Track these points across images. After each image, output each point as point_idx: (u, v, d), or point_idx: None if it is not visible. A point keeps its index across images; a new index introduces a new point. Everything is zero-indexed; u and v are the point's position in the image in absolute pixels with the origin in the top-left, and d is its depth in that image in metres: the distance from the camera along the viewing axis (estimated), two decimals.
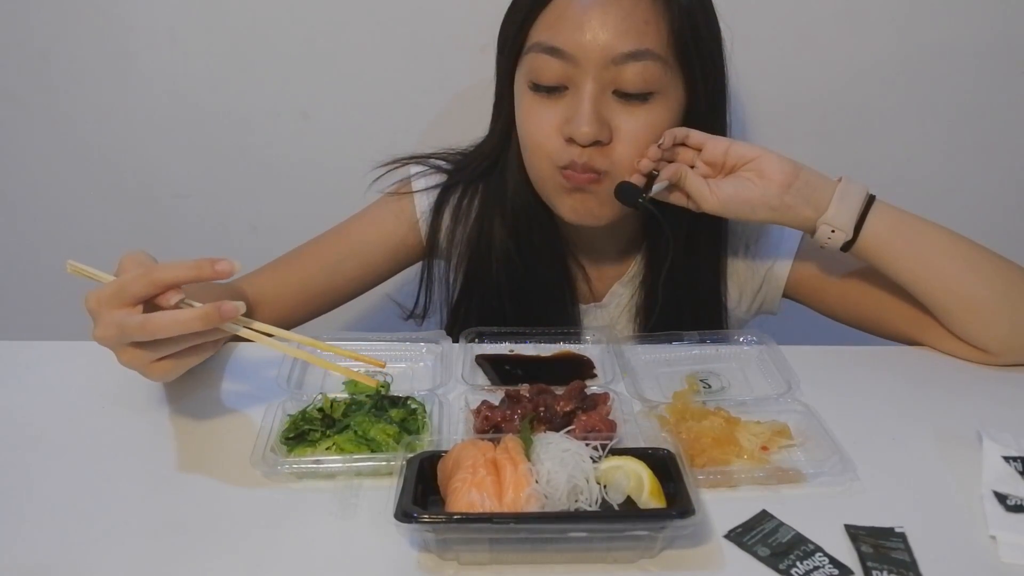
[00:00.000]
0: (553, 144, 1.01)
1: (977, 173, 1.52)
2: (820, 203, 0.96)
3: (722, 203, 0.96)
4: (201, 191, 1.54)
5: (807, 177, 0.96)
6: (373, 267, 1.18)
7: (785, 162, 0.96)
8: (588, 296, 1.19)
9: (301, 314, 1.16)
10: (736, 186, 0.96)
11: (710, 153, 0.98)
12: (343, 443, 0.81)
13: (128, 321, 0.75)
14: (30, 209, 1.57)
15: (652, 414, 0.87)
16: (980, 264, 0.99)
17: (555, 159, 1.01)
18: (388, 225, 1.17)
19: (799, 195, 0.96)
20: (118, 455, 0.83)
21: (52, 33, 1.43)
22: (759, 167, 0.96)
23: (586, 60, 0.97)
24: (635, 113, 0.99)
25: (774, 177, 0.95)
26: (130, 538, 0.72)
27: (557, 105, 1.00)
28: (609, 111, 0.99)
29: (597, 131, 0.97)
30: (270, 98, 1.47)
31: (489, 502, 0.68)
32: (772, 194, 0.96)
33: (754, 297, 1.18)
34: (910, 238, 0.98)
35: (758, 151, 0.97)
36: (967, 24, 1.41)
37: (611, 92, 0.99)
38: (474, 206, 1.15)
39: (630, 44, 0.96)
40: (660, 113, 1.00)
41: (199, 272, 0.78)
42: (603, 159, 1.00)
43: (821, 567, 0.68)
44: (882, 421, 0.90)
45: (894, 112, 1.47)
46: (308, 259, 1.16)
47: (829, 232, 0.97)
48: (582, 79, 0.98)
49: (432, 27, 1.40)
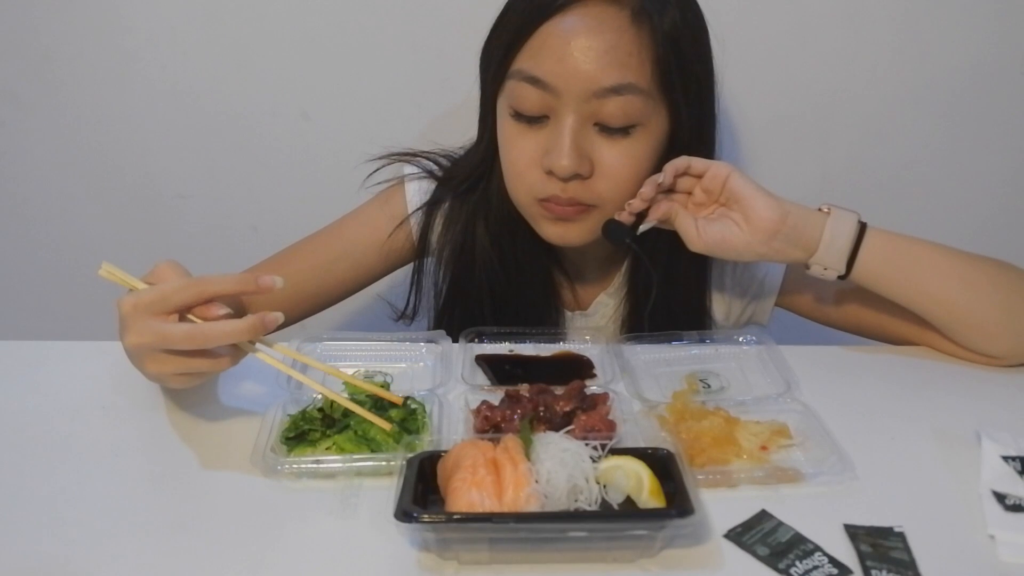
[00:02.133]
0: (533, 176, 0.99)
1: (976, 173, 1.52)
2: (809, 244, 0.95)
3: (707, 246, 0.95)
4: (202, 191, 1.54)
5: (794, 221, 0.94)
6: (365, 268, 1.17)
7: (773, 207, 0.93)
8: (573, 304, 1.18)
9: (293, 314, 1.15)
10: (723, 230, 0.95)
11: (708, 183, 0.96)
12: (343, 443, 0.81)
13: (171, 330, 0.76)
14: (30, 209, 1.57)
15: (652, 414, 0.87)
16: (977, 280, 0.98)
17: (535, 192, 1.00)
18: (381, 226, 1.17)
19: (787, 240, 0.94)
20: (118, 455, 0.83)
21: (53, 33, 1.43)
22: (746, 211, 0.94)
23: (567, 92, 0.95)
24: (616, 146, 0.97)
25: (760, 224, 0.93)
26: (130, 538, 0.72)
27: (538, 135, 0.98)
28: (590, 144, 0.97)
29: (576, 165, 0.96)
30: (270, 98, 1.47)
31: (489, 502, 0.68)
32: (758, 241, 0.94)
33: (743, 309, 1.17)
34: (904, 264, 0.97)
35: (750, 192, 0.94)
36: (968, 23, 1.41)
37: (592, 124, 0.97)
38: (462, 213, 1.14)
39: (613, 78, 0.94)
40: (642, 145, 0.98)
41: (244, 286, 0.80)
42: (587, 193, 0.98)
43: (820, 566, 0.69)
44: (881, 421, 0.90)
45: (893, 112, 1.47)
46: (300, 260, 1.16)
47: (821, 270, 0.96)
48: (563, 111, 0.96)
49: (432, 27, 1.40)
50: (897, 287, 0.98)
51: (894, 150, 1.50)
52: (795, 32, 1.42)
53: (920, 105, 1.47)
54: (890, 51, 1.43)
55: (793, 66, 1.44)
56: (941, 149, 1.50)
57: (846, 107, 1.47)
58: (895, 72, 1.44)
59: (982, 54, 1.43)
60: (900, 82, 1.45)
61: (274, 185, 1.54)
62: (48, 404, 0.92)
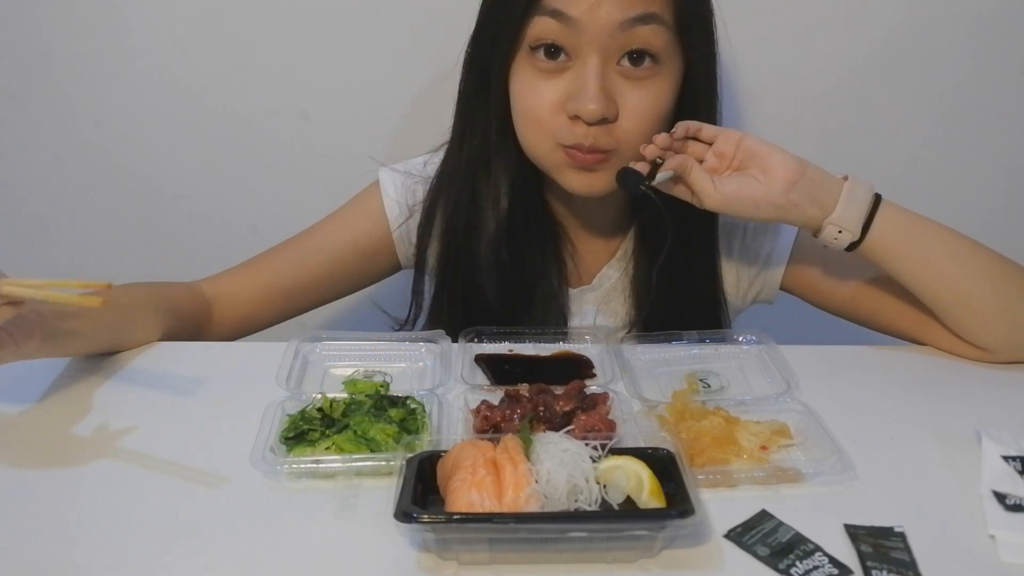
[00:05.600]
0: (556, 122, 0.98)
1: (976, 173, 1.52)
2: (826, 202, 0.95)
3: (725, 200, 0.94)
4: (201, 191, 1.54)
5: (813, 175, 0.95)
6: (340, 263, 1.16)
7: (791, 159, 0.95)
8: (577, 279, 1.17)
9: (268, 312, 1.16)
10: (740, 183, 0.94)
11: (721, 146, 0.96)
12: (343, 443, 0.81)
13: None
14: (30, 209, 1.56)
15: (652, 414, 0.87)
16: (982, 264, 0.99)
17: (559, 138, 0.99)
18: (355, 221, 1.16)
19: (804, 193, 0.94)
20: (117, 455, 0.83)
21: (52, 33, 1.43)
22: (764, 164, 0.94)
23: (592, 25, 0.94)
24: (640, 88, 0.98)
25: (779, 174, 0.94)
26: (130, 538, 0.72)
27: (559, 81, 0.98)
28: (614, 87, 0.97)
29: (604, 108, 0.95)
30: (270, 98, 1.47)
31: (489, 502, 0.68)
32: (776, 192, 0.94)
33: (752, 282, 1.17)
34: (915, 239, 0.97)
35: (767, 148, 0.95)
36: (968, 23, 1.41)
37: (615, 65, 0.97)
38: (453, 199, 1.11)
39: (638, 7, 0.94)
40: (662, 87, 0.99)
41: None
42: (608, 138, 0.98)
43: (820, 567, 0.68)
44: (881, 421, 0.90)
45: (894, 107, 1.47)
46: (273, 257, 1.16)
47: (836, 232, 0.96)
48: (586, 51, 0.95)
49: (432, 27, 1.40)
50: (905, 261, 0.98)
51: (894, 150, 1.50)
52: (795, 32, 1.42)
53: (920, 105, 1.47)
54: (890, 51, 1.43)
55: (793, 66, 1.44)
56: (941, 149, 1.50)
57: (846, 107, 1.47)
58: (895, 72, 1.44)
59: (982, 54, 1.43)
60: (900, 82, 1.45)
61: (273, 185, 1.53)
62: (47, 404, 0.92)
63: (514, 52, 1.01)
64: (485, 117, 1.07)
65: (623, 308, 1.16)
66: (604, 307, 1.16)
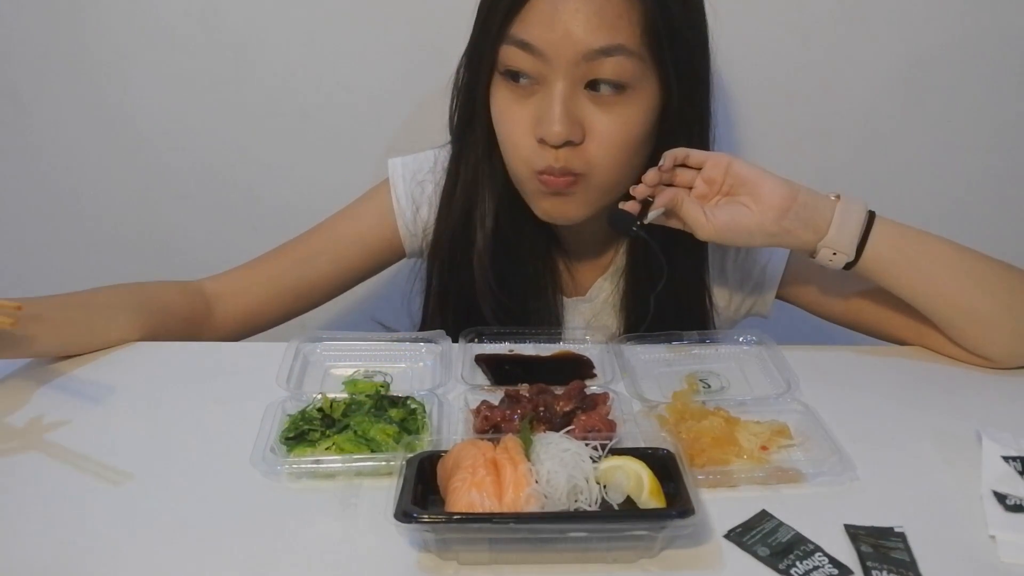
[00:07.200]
0: (528, 146, 0.99)
1: (976, 173, 1.52)
2: (819, 226, 0.94)
3: (718, 231, 0.94)
4: (201, 191, 1.54)
5: (805, 199, 0.94)
6: (347, 262, 1.16)
7: (781, 185, 0.94)
8: (571, 290, 1.17)
9: (273, 310, 1.15)
10: (732, 213, 0.94)
11: (710, 172, 0.96)
12: (343, 443, 0.81)
13: None
14: (30, 209, 1.57)
15: (652, 414, 0.87)
16: (982, 275, 0.98)
17: (531, 163, 0.99)
18: (365, 220, 1.16)
19: (798, 219, 0.93)
20: (117, 455, 0.83)
21: (52, 33, 1.43)
22: (755, 192, 0.94)
23: (557, 57, 0.94)
24: (608, 111, 0.97)
25: (771, 202, 0.93)
26: (130, 538, 0.72)
27: (530, 105, 0.98)
28: (581, 110, 0.97)
29: (568, 131, 0.95)
30: (270, 98, 1.47)
31: (489, 502, 0.68)
32: (770, 220, 0.93)
33: (744, 298, 1.17)
34: (912, 255, 0.97)
35: (756, 173, 0.94)
36: (968, 23, 1.41)
37: (583, 89, 0.96)
38: (455, 201, 1.12)
39: (602, 40, 0.93)
40: (633, 111, 0.98)
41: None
42: (578, 161, 0.98)
43: (821, 567, 0.68)
44: (882, 421, 0.90)
45: (893, 112, 1.47)
46: (280, 255, 1.16)
47: (831, 255, 0.95)
48: (553, 77, 0.95)
49: (432, 27, 1.40)
50: (904, 277, 0.97)
51: (894, 150, 1.50)
52: (795, 32, 1.42)
53: (920, 105, 1.46)
54: (890, 50, 1.43)
55: (793, 65, 1.44)
56: (941, 149, 1.50)
57: (846, 107, 1.47)
58: (895, 71, 1.44)
59: (982, 54, 1.43)
60: (900, 82, 1.45)
61: (273, 185, 1.53)
62: (47, 404, 0.92)
63: (491, 77, 1.02)
64: (473, 140, 1.09)
65: (615, 323, 1.16)
66: (596, 320, 1.17)
